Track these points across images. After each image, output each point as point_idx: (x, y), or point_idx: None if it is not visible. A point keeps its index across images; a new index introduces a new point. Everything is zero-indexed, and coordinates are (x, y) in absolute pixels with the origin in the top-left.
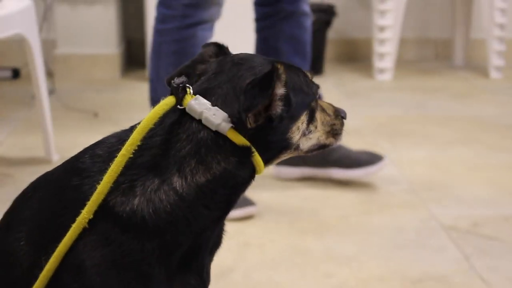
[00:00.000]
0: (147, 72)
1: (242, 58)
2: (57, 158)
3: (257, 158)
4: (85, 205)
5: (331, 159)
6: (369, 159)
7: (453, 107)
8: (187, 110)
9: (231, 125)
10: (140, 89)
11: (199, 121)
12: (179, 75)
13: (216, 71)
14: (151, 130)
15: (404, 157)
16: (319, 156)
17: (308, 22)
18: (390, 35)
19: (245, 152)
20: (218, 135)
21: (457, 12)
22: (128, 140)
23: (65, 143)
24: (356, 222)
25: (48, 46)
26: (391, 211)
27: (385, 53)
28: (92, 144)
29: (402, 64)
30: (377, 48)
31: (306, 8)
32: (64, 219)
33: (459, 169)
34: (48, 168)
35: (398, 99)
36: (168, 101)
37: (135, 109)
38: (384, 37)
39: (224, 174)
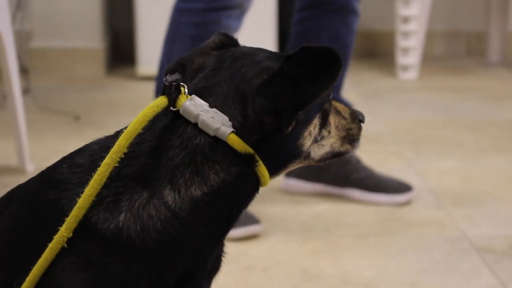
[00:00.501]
0: (136, 69)
1: (244, 52)
2: (32, 168)
3: (262, 168)
4: (63, 221)
5: (353, 178)
6: (396, 186)
7: (487, 111)
8: (181, 112)
9: (232, 129)
10: (129, 88)
11: (195, 125)
12: (174, 68)
13: (214, 67)
14: (139, 135)
15: (431, 167)
16: (340, 173)
17: (356, 23)
18: (415, 27)
19: (248, 161)
20: (217, 141)
21: (493, 1)
22: (113, 147)
23: (41, 150)
24: (376, 242)
25: (22, 38)
26: (416, 230)
27: (410, 47)
28: (72, 152)
29: (429, 60)
30: (401, 42)
31: (358, 6)
32: (39, 238)
33: (494, 181)
34: (22, 179)
35: (424, 101)
36: (159, 102)
37: (122, 111)
38: (408, 30)
39: (223, 186)
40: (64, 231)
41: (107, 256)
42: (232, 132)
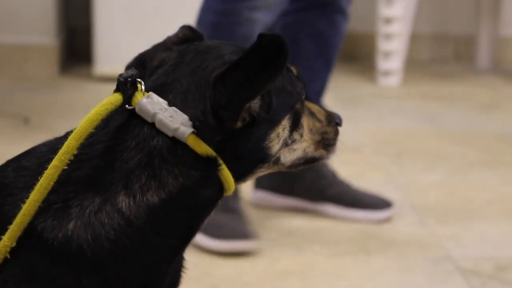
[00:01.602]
0: (93, 68)
1: (209, 46)
2: None
3: (226, 173)
4: (6, 229)
5: (328, 193)
6: (375, 202)
7: (475, 121)
8: (137, 110)
9: (192, 130)
10: (84, 89)
11: (152, 125)
12: (133, 64)
13: (175, 61)
14: (91, 135)
15: (413, 182)
16: (314, 187)
17: (343, 23)
18: (398, 29)
19: (209, 165)
20: (176, 143)
21: (483, 4)
22: (62, 148)
23: None
24: (352, 262)
25: None
26: (396, 249)
27: (392, 51)
28: (18, 155)
29: (413, 65)
30: (382, 45)
31: (345, 5)
32: None
33: (482, 198)
34: None
35: (407, 110)
36: (113, 99)
37: (77, 115)
38: (391, 31)
39: (182, 192)
40: (6, 240)
41: (55, 268)
42: (192, 132)
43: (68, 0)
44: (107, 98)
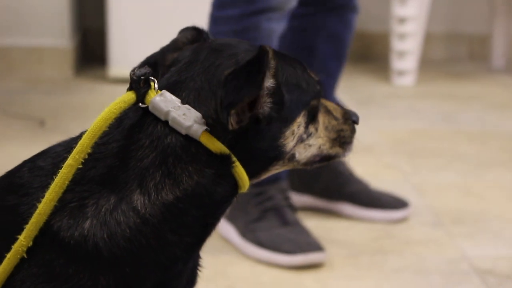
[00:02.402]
0: (107, 70)
1: (223, 44)
2: None
3: (239, 170)
4: (22, 229)
5: (345, 192)
6: (392, 202)
7: (490, 120)
8: (150, 109)
9: (205, 127)
10: (99, 91)
11: (166, 123)
12: (144, 66)
13: (188, 60)
14: (106, 134)
15: (429, 182)
16: (331, 185)
17: (355, 20)
18: (412, 29)
19: (223, 162)
20: (189, 141)
21: (497, 3)
22: (76, 147)
23: (3, 158)
24: (368, 262)
25: None
26: (412, 249)
27: (406, 51)
28: (33, 155)
29: (427, 65)
30: (396, 45)
31: (357, 3)
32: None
33: (498, 197)
34: None
35: (422, 110)
36: (126, 98)
37: (92, 116)
38: (405, 31)
39: (197, 190)
40: (23, 240)
41: (71, 267)
42: (206, 130)
43: (82, 2)
44: (120, 97)
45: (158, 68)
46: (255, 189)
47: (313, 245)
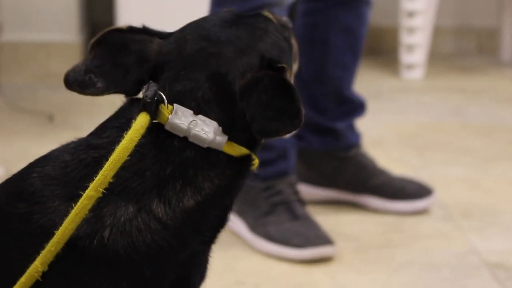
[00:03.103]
0: None
1: (210, 40)
2: (2, 173)
3: (255, 163)
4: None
5: (370, 184)
6: (417, 191)
7: (499, 114)
8: (167, 128)
9: (226, 137)
10: None
11: (183, 138)
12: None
13: (183, 65)
14: None
15: (437, 175)
16: (355, 178)
17: (369, 12)
18: (421, 23)
19: (244, 162)
20: (209, 151)
21: None
22: (98, 177)
23: (12, 153)
24: (377, 256)
25: None
26: (421, 243)
27: (415, 44)
28: (40, 160)
29: (436, 59)
30: (405, 39)
31: None
32: (11, 257)
33: (506, 191)
34: None
35: (430, 103)
36: (143, 122)
37: (101, 111)
38: (413, 25)
39: (218, 192)
40: (39, 266)
41: (91, 273)
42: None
43: None
44: (137, 122)
45: (142, 64)
46: (264, 183)
47: (323, 239)
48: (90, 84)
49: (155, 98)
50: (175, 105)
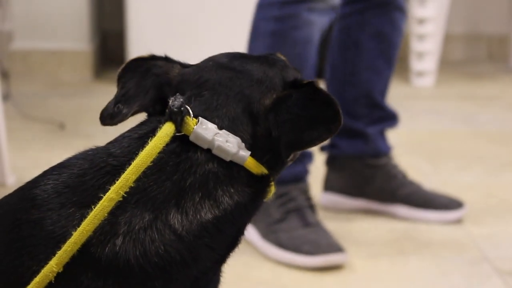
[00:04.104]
0: None
1: (234, 69)
2: (13, 181)
3: (272, 185)
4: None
5: (399, 194)
6: (446, 203)
7: (510, 121)
8: (192, 139)
9: (249, 152)
10: None
11: (206, 150)
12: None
13: (207, 87)
14: None
15: (449, 183)
16: (385, 188)
17: (403, 21)
18: (431, 30)
19: (263, 182)
20: (231, 165)
21: None
22: (119, 180)
23: (23, 161)
24: (389, 264)
25: (2, 39)
26: (433, 250)
27: (426, 51)
28: (56, 167)
29: (447, 66)
30: (416, 46)
31: (403, 2)
32: (22, 262)
33: None
34: (1, 192)
35: (442, 110)
36: (168, 131)
37: None
38: (424, 32)
39: (236, 209)
40: (54, 266)
41: (100, 281)
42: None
43: (101, 5)
44: (162, 130)
45: (164, 88)
46: (278, 189)
47: (334, 246)
48: (118, 113)
49: (182, 109)
50: (200, 117)
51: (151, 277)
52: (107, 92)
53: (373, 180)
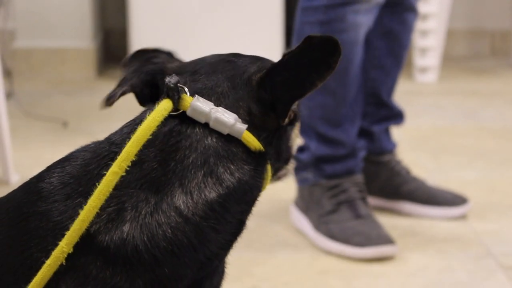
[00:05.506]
0: None
1: (228, 60)
2: (17, 179)
3: (269, 168)
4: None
5: (403, 190)
6: (450, 199)
7: None
8: (189, 113)
9: (247, 125)
10: None
11: (204, 125)
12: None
13: (202, 72)
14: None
15: (452, 178)
16: (388, 185)
17: (413, 20)
18: (434, 25)
19: (260, 159)
20: (229, 140)
21: None
22: (121, 154)
23: (26, 159)
24: (392, 260)
25: (4, 38)
26: (437, 246)
27: (428, 47)
28: (60, 160)
29: (450, 61)
30: (418, 42)
31: (415, 2)
32: (30, 254)
33: None
34: (5, 190)
35: (445, 106)
36: (166, 105)
37: (115, 117)
38: (427, 28)
39: (239, 186)
40: (64, 247)
41: (108, 269)
42: (247, 128)
43: (104, 3)
44: (160, 105)
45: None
46: (329, 181)
47: (384, 238)
48: (113, 95)
49: (178, 84)
50: (196, 95)
51: (159, 263)
52: (110, 89)
53: (377, 177)
